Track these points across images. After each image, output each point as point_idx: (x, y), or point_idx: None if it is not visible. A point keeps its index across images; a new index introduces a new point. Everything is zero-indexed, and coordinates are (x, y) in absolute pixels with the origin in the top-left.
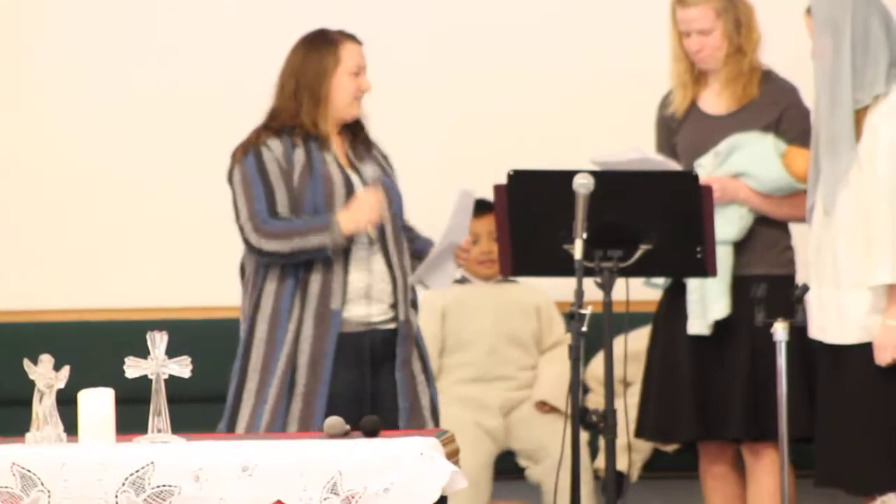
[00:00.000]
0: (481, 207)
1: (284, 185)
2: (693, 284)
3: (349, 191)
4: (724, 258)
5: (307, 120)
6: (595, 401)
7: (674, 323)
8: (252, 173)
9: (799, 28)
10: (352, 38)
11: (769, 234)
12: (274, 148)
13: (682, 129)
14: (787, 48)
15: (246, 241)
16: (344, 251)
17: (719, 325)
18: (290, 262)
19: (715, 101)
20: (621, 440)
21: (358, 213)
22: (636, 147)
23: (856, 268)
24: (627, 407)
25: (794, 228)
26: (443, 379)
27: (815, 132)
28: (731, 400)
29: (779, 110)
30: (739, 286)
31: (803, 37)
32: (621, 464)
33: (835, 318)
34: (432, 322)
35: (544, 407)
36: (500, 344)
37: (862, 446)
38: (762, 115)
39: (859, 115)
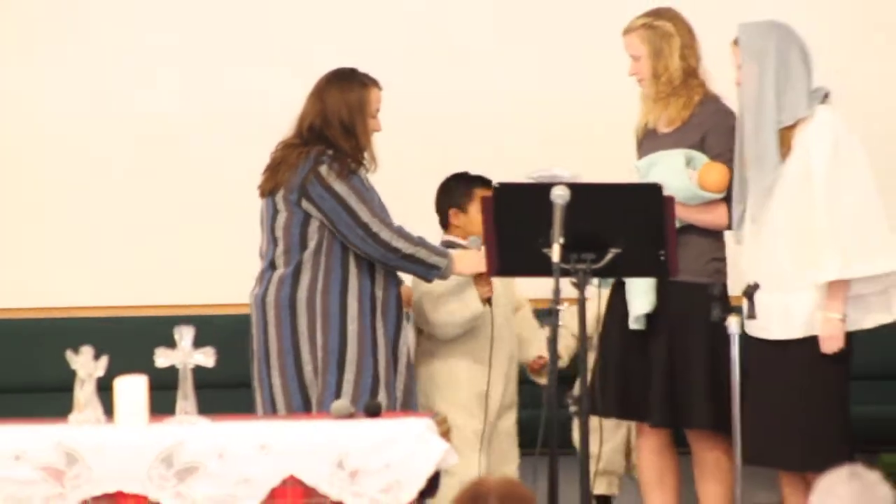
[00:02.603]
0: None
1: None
2: (627, 285)
3: None
4: None
5: (365, 152)
6: None
7: (609, 317)
8: (361, 187)
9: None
10: (376, 81)
11: (697, 244)
12: (362, 174)
13: (642, 144)
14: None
15: (374, 236)
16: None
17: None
18: (396, 265)
19: (664, 120)
20: (595, 466)
21: (472, 263)
22: (544, 167)
23: (800, 271)
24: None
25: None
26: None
27: (739, 150)
28: (650, 389)
29: (703, 131)
30: (662, 288)
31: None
32: (603, 488)
33: (779, 316)
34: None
35: (541, 361)
36: (505, 304)
37: (802, 428)
38: (691, 134)
39: (782, 134)
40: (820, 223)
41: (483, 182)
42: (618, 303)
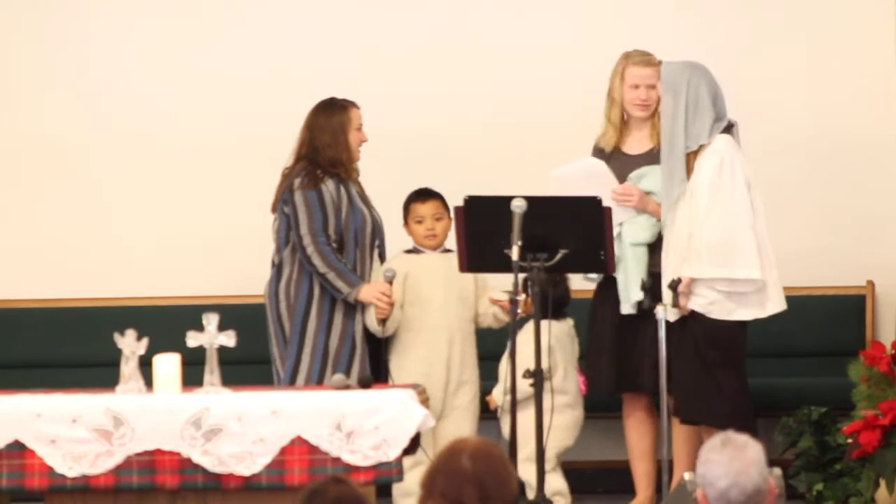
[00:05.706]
0: (426, 194)
1: (334, 216)
2: (620, 277)
3: (372, 223)
4: (640, 257)
5: (344, 164)
6: None
7: (601, 305)
8: (314, 202)
9: None
10: (353, 103)
11: None
12: (330, 186)
13: (610, 159)
14: None
15: (301, 246)
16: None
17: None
18: (314, 276)
19: (634, 144)
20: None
21: (373, 294)
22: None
23: (682, 267)
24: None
25: None
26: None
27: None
28: (644, 363)
29: None
30: (657, 280)
31: None
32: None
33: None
34: (397, 283)
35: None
36: (450, 298)
37: (705, 391)
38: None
39: (688, 157)
40: (695, 231)
41: (418, 196)
42: (605, 294)
